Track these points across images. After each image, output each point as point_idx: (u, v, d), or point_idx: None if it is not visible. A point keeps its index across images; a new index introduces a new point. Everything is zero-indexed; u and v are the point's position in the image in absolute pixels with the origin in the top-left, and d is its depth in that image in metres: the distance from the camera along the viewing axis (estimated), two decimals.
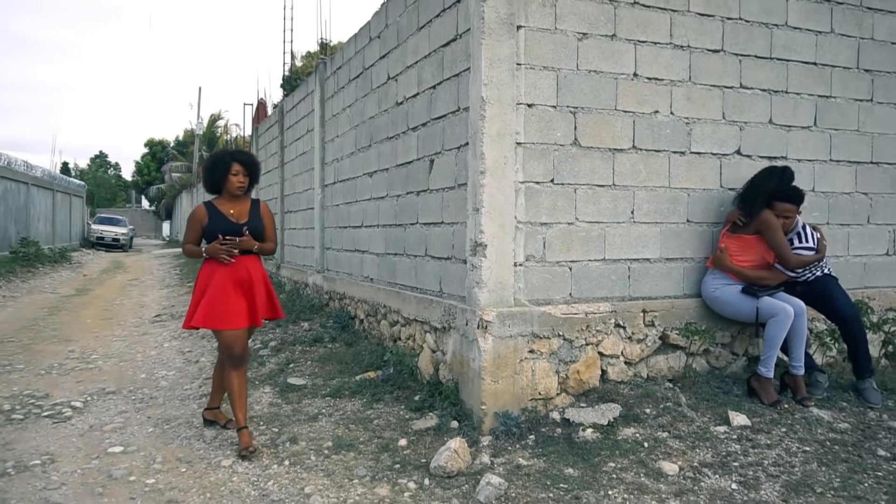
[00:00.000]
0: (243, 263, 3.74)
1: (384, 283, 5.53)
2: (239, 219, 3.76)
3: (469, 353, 3.84)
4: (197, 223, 3.77)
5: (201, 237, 3.79)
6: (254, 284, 3.76)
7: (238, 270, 3.72)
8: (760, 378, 4.02)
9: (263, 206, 3.92)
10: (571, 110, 4.01)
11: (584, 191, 4.06)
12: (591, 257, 4.10)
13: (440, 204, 4.42)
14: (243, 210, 3.80)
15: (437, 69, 4.43)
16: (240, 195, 3.81)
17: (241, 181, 3.76)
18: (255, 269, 3.80)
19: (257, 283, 3.77)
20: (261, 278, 3.81)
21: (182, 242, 3.94)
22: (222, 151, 3.93)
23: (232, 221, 3.74)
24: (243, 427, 3.67)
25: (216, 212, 3.76)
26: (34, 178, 21.04)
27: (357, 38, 6.22)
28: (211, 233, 3.71)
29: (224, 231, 3.69)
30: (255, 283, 3.76)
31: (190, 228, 3.80)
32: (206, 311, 3.68)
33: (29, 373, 5.57)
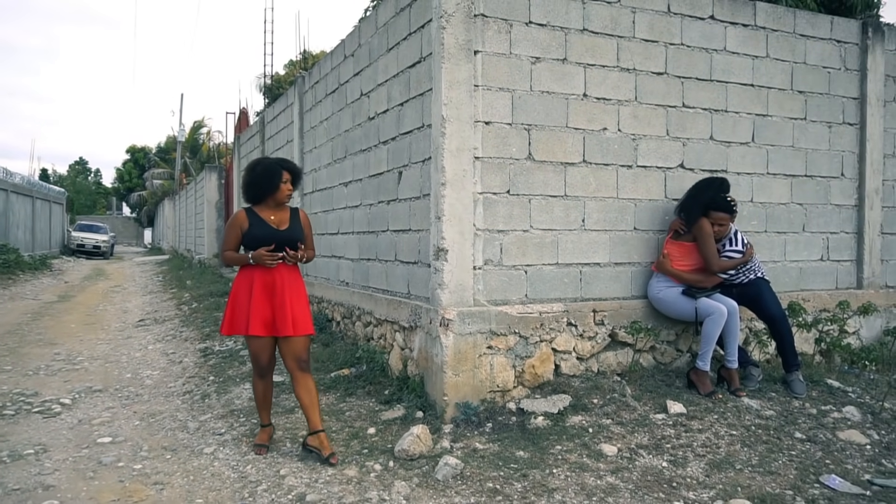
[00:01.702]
0: (278, 273, 3.69)
1: (358, 287, 5.87)
2: (279, 226, 3.74)
3: (433, 349, 4.19)
4: (237, 229, 3.73)
5: (240, 244, 3.75)
6: (288, 294, 3.68)
7: (271, 279, 3.67)
8: (698, 371, 4.42)
9: (303, 215, 3.92)
10: (526, 127, 4.39)
11: (539, 201, 4.44)
12: (545, 261, 4.48)
13: (408, 212, 4.78)
14: (284, 217, 3.78)
15: (405, 88, 4.80)
16: (286, 202, 3.83)
17: (290, 189, 3.79)
18: (289, 279, 3.72)
19: (286, 293, 3.68)
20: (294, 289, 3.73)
21: (221, 250, 3.88)
22: (270, 160, 3.89)
23: (273, 228, 3.72)
24: (266, 425, 3.85)
25: (257, 218, 3.72)
26: (13, 185, 21.10)
27: (333, 55, 6.58)
28: (251, 239, 3.68)
29: (265, 237, 3.66)
30: (285, 293, 3.67)
31: (230, 235, 3.75)
32: (229, 318, 3.74)
33: (17, 373, 5.83)
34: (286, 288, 3.69)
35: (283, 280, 3.69)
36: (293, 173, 3.86)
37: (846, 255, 5.61)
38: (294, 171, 3.88)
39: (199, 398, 4.87)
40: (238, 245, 3.77)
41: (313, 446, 3.63)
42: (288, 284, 3.71)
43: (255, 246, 3.68)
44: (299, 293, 3.77)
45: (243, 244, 3.76)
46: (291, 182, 3.82)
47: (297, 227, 3.83)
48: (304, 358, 3.71)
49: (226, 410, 4.51)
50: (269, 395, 3.89)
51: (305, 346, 3.73)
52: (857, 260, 5.65)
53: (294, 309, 3.69)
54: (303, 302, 3.77)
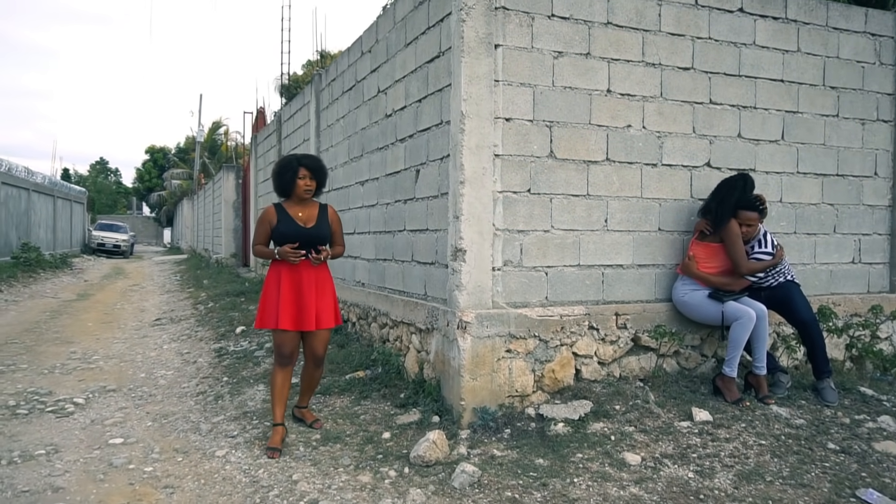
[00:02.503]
0: (304, 268, 3.80)
1: (374, 288, 5.78)
2: (307, 223, 3.84)
3: (450, 352, 4.08)
4: (266, 224, 3.85)
5: (270, 238, 3.87)
6: (314, 289, 3.80)
7: (299, 274, 3.79)
8: (724, 377, 4.26)
9: (331, 211, 3.99)
10: (547, 124, 4.26)
11: (560, 200, 4.31)
12: (567, 263, 4.35)
13: (425, 212, 4.68)
14: (311, 214, 3.88)
15: (423, 84, 4.70)
16: (307, 199, 3.89)
17: (308, 185, 3.83)
18: (316, 274, 3.83)
19: (312, 289, 3.79)
20: (319, 285, 3.83)
21: (252, 244, 4.04)
22: (290, 156, 3.98)
23: (299, 225, 3.81)
24: (278, 424, 3.79)
25: (285, 214, 3.83)
26: (35, 185, 21.33)
27: (350, 52, 6.50)
28: (279, 235, 3.79)
29: (291, 234, 3.77)
30: (311, 289, 3.79)
31: (259, 229, 3.88)
32: (260, 313, 3.86)
33: (32, 372, 5.81)
34: (312, 283, 3.84)
35: (308, 276, 3.83)
36: (311, 168, 3.88)
37: (879, 258, 5.41)
38: (312, 167, 3.88)
39: (213, 399, 4.80)
40: (267, 240, 3.90)
41: (298, 416, 4.14)
42: (314, 280, 3.85)
43: (282, 242, 3.79)
44: (325, 288, 3.92)
45: (272, 239, 3.88)
46: (312, 177, 3.86)
47: (324, 225, 3.93)
48: (320, 354, 4.00)
49: (239, 412, 4.43)
50: (286, 387, 3.89)
51: (325, 341, 4.01)
52: (890, 263, 5.44)
53: (319, 304, 3.86)
54: (328, 296, 3.92)
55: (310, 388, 4.16)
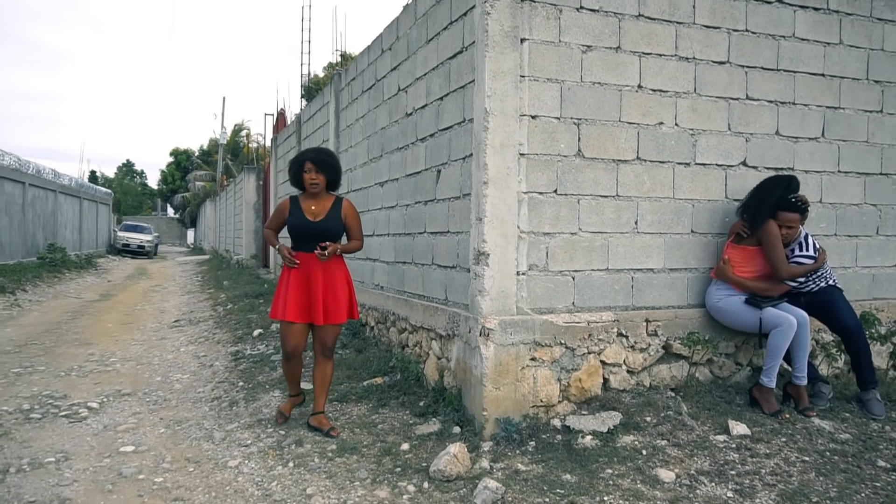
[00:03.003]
0: (314, 262, 3.87)
1: (393, 291, 5.62)
2: (317, 217, 3.92)
3: (472, 359, 3.90)
4: (281, 214, 4.04)
5: (282, 226, 4.07)
6: (322, 283, 3.86)
7: (307, 268, 3.87)
8: (762, 388, 4.02)
9: (346, 204, 3.99)
10: (575, 122, 4.07)
11: (588, 201, 4.11)
12: (594, 267, 4.15)
13: (446, 213, 4.51)
14: (324, 208, 3.92)
15: (444, 81, 4.53)
16: (315, 192, 3.93)
17: (313, 178, 3.87)
18: (326, 268, 3.89)
19: (320, 283, 3.85)
20: (329, 279, 3.88)
21: (264, 226, 4.25)
22: (301, 151, 4.14)
23: (307, 219, 3.91)
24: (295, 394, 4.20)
25: (297, 207, 3.93)
26: (61, 186, 21.59)
27: (370, 51, 6.36)
28: (288, 227, 3.97)
29: (297, 226, 3.89)
30: (319, 282, 3.85)
31: (274, 216, 4.12)
32: (273, 303, 4.00)
33: (49, 374, 5.75)
34: (321, 277, 3.87)
35: (317, 269, 3.87)
36: (315, 162, 3.90)
37: None
38: (316, 160, 3.90)
39: (227, 405, 4.67)
40: (279, 227, 4.10)
41: (314, 425, 3.99)
42: (323, 274, 3.88)
43: (291, 234, 3.96)
44: (336, 282, 3.92)
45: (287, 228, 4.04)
46: (317, 171, 3.88)
47: (334, 219, 3.94)
48: (329, 346, 4.00)
49: (253, 420, 4.30)
50: (296, 372, 4.14)
51: (334, 335, 4.01)
52: None
53: (327, 298, 3.89)
54: (339, 291, 3.93)
55: (323, 388, 4.03)
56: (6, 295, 11.19)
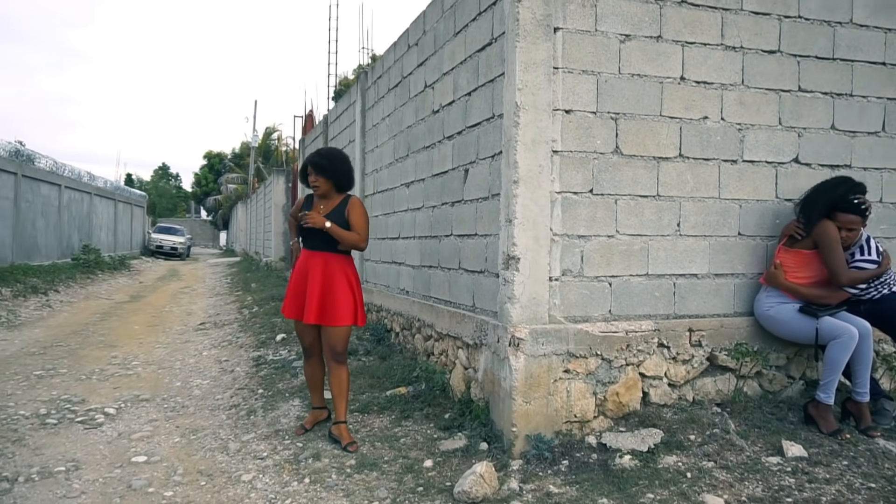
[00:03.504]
0: (315, 258, 3.82)
1: (419, 296, 5.40)
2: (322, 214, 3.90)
3: (500, 371, 3.65)
4: (296, 207, 4.11)
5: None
6: (320, 282, 3.78)
7: (306, 264, 3.85)
8: (819, 404, 3.68)
9: (353, 201, 3.92)
10: (612, 116, 3.79)
11: (626, 202, 3.83)
12: (633, 272, 3.86)
13: (474, 215, 4.26)
14: (330, 207, 3.89)
15: (473, 75, 4.29)
16: (320, 194, 3.91)
17: (314, 181, 3.87)
18: (326, 267, 3.80)
19: (317, 281, 3.78)
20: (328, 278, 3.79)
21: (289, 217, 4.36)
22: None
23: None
24: (318, 407, 4.11)
25: (307, 206, 3.97)
26: (97, 189, 21.93)
27: (396, 47, 6.15)
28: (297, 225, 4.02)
29: (298, 223, 3.91)
30: (316, 281, 3.78)
31: (294, 209, 4.16)
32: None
33: (70, 377, 5.66)
34: (319, 275, 3.78)
35: (315, 267, 3.80)
36: (314, 165, 3.86)
37: None
38: (316, 164, 3.89)
39: (245, 414, 4.49)
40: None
41: (335, 435, 3.82)
42: (322, 272, 3.79)
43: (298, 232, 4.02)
44: (335, 282, 3.80)
45: None
46: (317, 174, 3.84)
47: (336, 216, 3.84)
48: (339, 350, 3.81)
49: (270, 430, 4.11)
50: (317, 378, 4.08)
51: (339, 338, 3.81)
52: None
53: (324, 298, 3.77)
54: (339, 292, 3.79)
55: (340, 395, 3.85)
56: (38, 295, 11.29)
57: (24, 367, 6.01)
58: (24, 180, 15.06)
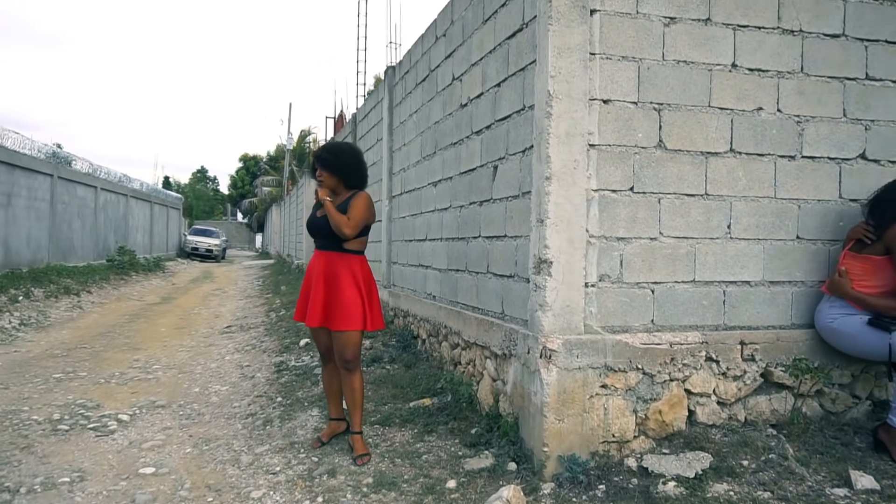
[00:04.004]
0: (321, 257, 3.66)
1: (446, 302, 5.11)
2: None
3: (531, 385, 3.34)
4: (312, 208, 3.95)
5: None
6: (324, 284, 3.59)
7: (314, 265, 3.69)
8: (891, 429, 3.28)
9: (358, 195, 3.71)
10: (656, 107, 3.46)
11: (671, 201, 3.49)
12: (678, 278, 3.51)
13: (503, 215, 3.97)
14: (337, 202, 3.71)
15: (502, 64, 4.00)
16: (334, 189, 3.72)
17: (319, 175, 3.73)
18: (333, 268, 3.60)
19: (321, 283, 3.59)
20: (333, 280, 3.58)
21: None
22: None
23: (313, 215, 3.77)
24: (336, 418, 3.88)
25: (318, 205, 3.78)
26: (132, 191, 22.22)
27: (423, 39, 5.90)
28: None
29: (307, 223, 3.81)
30: (320, 282, 3.59)
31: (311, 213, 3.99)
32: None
33: (89, 381, 5.53)
34: (322, 277, 3.60)
35: (319, 268, 3.62)
36: (319, 159, 3.73)
37: None
38: (321, 158, 3.74)
39: (261, 424, 4.27)
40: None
41: (350, 444, 3.65)
42: (324, 273, 3.60)
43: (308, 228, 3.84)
44: (340, 282, 3.58)
45: None
46: (322, 169, 3.69)
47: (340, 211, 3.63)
48: (347, 357, 3.59)
49: (286, 442, 3.87)
50: (334, 385, 3.86)
51: (347, 343, 3.57)
52: None
53: (330, 301, 3.57)
54: (345, 293, 3.57)
55: (354, 405, 3.64)
56: (70, 296, 11.35)
57: (45, 369, 5.92)
58: (60, 182, 15.27)
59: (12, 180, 12.76)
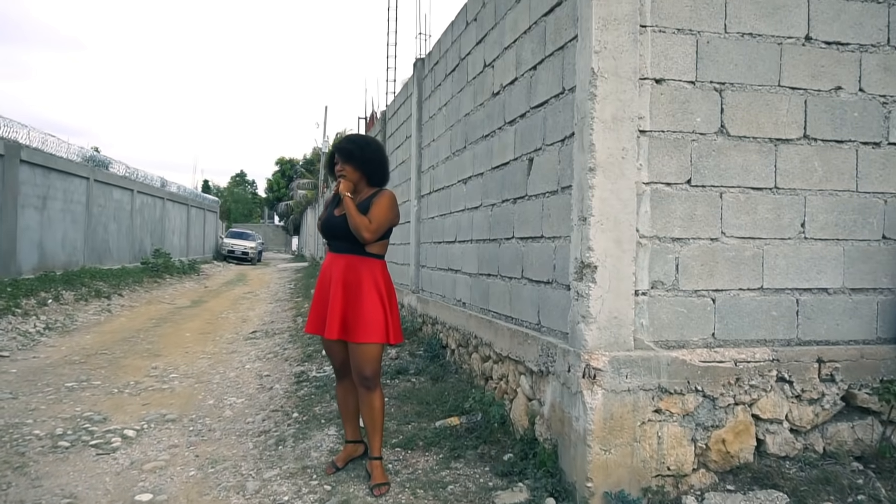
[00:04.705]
0: (338, 261, 3.21)
1: (476, 309, 4.69)
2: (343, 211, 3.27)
3: (572, 408, 2.90)
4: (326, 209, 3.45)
5: None
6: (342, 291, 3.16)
7: (330, 268, 3.25)
8: None
9: (382, 193, 3.27)
10: (716, 87, 2.99)
11: (734, 195, 3.01)
12: (743, 285, 3.03)
13: (539, 213, 3.53)
14: (360, 199, 3.26)
15: (538, 44, 3.56)
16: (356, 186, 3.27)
17: (340, 170, 3.25)
18: (349, 269, 3.17)
19: (339, 290, 3.15)
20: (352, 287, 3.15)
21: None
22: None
23: (333, 214, 3.30)
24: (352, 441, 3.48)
25: (334, 203, 3.36)
26: (169, 194, 22.36)
27: (453, 27, 5.49)
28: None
29: (321, 224, 3.36)
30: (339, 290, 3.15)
31: (323, 210, 3.50)
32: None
33: (101, 391, 5.27)
34: (340, 284, 3.17)
35: (338, 273, 3.19)
36: (342, 151, 3.25)
37: None
38: (343, 150, 3.25)
39: (273, 443, 3.91)
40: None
41: (369, 472, 3.24)
42: (345, 276, 3.17)
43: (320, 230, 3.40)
44: (362, 289, 3.16)
45: None
46: (344, 162, 3.23)
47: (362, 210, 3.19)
48: (366, 373, 3.15)
49: (298, 466, 3.49)
50: (350, 404, 3.46)
51: (367, 358, 3.14)
52: None
53: (348, 310, 3.15)
54: (365, 301, 3.15)
55: (372, 427, 3.21)
56: (101, 299, 11.26)
57: (59, 377, 5.69)
58: (96, 185, 15.33)
59: (48, 183, 12.80)
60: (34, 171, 12.18)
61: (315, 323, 3.33)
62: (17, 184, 11.41)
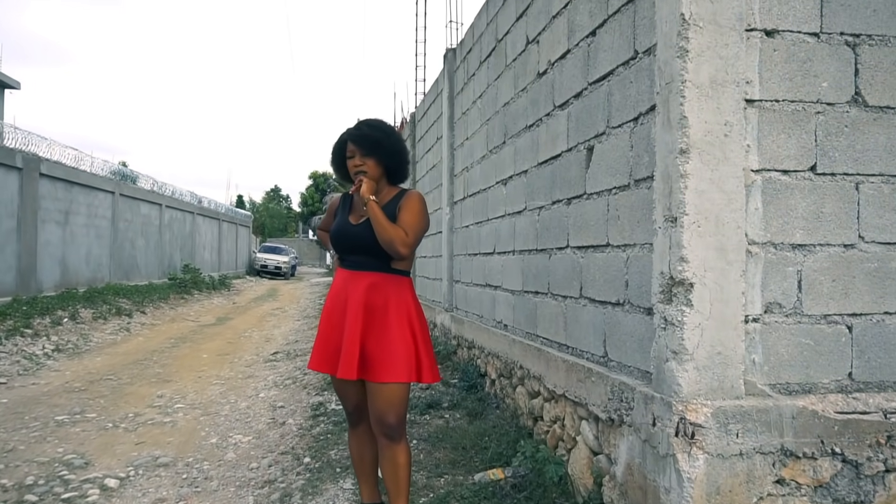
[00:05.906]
0: (358, 281, 2.50)
1: (521, 334, 3.95)
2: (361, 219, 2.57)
3: (659, 476, 2.13)
4: (330, 213, 2.82)
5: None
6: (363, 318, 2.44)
7: (344, 289, 2.52)
8: None
9: (409, 194, 2.60)
10: (849, 41, 2.22)
11: (876, 186, 2.23)
12: (891, 308, 2.24)
13: (604, 214, 2.78)
14: (383, 202, 2.55)
15: (599, 3, 2.84)
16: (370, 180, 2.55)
17: (358, 164, 2.52)
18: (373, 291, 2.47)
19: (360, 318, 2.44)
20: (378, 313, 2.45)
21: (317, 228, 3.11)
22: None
23: (349, 223, 2.58)
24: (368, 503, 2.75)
25: (345, 206, 2.65)
26: (199, 208, 22.14)
27: (489, 6, 4.80)
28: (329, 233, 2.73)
29: (333, 233, 2.64)
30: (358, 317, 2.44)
31: (326, 215, 2.89)
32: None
33: (94, 425, 4.66)
34: (366, 307, 2.45)
35: (364, 295, 2.46)
36: (357, 139, 2.51)
37: None
38: (358, 137, 2.50)
39: (278, 499, 3.22)
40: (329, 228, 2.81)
41: None
42: (372, 302, 2.46)
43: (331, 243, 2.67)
44: (389, 317, 2.46)
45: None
46: (363, 154, 2.50)
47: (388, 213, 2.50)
48: (390, 421, 2.46)
49: None
50: (367, 457, 2.73)
51: (392, 402, 2.44)
52: None
53: (371, 344, 2.44)
54: (395, 332, 2.45)
55: (396, 488, 2.51)
56: (121, 317, 10.82)
57: (51, 408, 5.12)
58: (122, 199, 15.05)
59: (70, 197, 12.50)
60: (55, 185, 11.87)
61: (322, 357, 2.58)
62: (37, 198, 11.09)
